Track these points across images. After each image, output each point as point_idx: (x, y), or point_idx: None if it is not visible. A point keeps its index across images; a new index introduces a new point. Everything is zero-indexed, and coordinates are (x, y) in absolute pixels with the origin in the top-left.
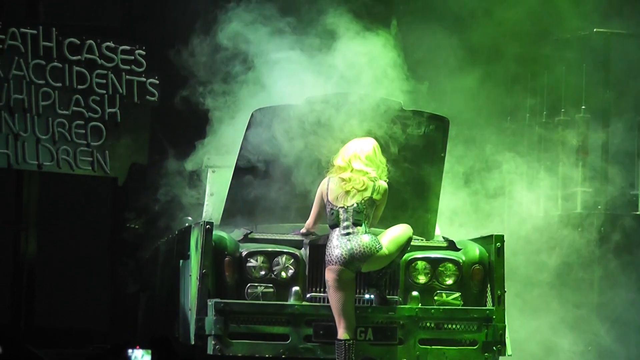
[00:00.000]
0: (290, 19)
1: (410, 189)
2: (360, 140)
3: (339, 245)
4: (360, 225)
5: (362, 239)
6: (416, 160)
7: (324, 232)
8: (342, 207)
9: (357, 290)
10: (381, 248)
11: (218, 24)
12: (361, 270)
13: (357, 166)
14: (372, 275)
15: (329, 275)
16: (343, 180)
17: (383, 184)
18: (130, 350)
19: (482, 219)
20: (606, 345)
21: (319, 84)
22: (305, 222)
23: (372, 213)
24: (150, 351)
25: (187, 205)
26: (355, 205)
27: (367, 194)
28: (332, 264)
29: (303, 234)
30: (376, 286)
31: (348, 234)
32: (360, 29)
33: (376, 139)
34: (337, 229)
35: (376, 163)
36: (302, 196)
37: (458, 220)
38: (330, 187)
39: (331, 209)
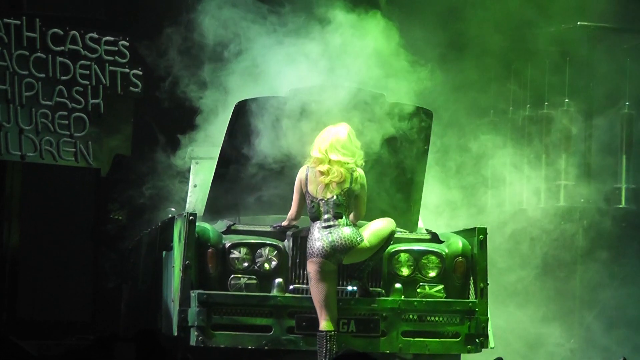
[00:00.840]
0: (275, 8)
1: (393, 182)
2: (335, 128)
3: (320, 237)
4: (341, 218)
5: (343, 231)
6: (400, 153)
7: (306, 224)
8: (322, 200)
9: (340, 282)
10: (362, 240)
11: (202, 15)
12: (342, 262)
13: (335, 157)
14: (354, 267)
15: (311, 268)
16: (322, 173)
17: (361, 172)
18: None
19: (465, 212)
20: (590, 336)
21: (303, 76)
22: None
23: (352, 203)
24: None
25: (170, 196)
26: (335, 197)
27: (346, 185)
28: (314, 257)
29: (285, 227)
30: (358, 278)
31: (329, 226)
32: (344, 19)
33: (359, 130)
34: (318, 221)
35: (352, 150)
36: (285, 188)
37: (441, 212)
38: (309, 178)
39: (311, 201)
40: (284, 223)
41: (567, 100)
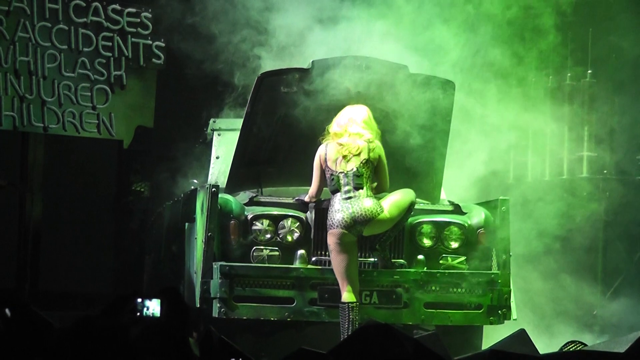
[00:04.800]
0: None
1: (415, 153)
2: (354, 107)
3: (340, 209)
4: (362, 189)
5: (363, 202)
6: (422, 124)
7: (327, 197)
8: (342, 172)
9: (362, 254)
10: (382, 211)
11: None
12: (363, 233)
13: (354, 130)
14: (376, 239)
15: (331, 239)
16: (340, 145)
17: (378, 144)
18: (139, 300)
19: (487, 183)
20: (611, 309)
21: (326, 47)
22: (310, 186)
23: (372, 175)
24: (159, 300)
25: (193, 168)
26: (354, 169)
27: (364, 156)
28: (334, 228)
29: (306, 202)
30: (380, 250)
31: (350, 198)
32: None
33: (381, 102)
34: (339, 193)
35: (370, 126)
36: (307, 160)
37: (463, 184)
38: (327, 153)
39: (331, 174)
40: (306, 199)
41: (589, 71)
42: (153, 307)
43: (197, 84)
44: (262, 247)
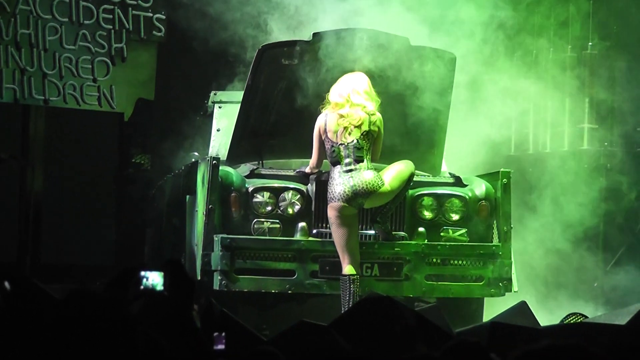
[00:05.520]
0: None
1: (416, 125)
2: (354, 76)
3: (341, 182)
4: (362, 162)
5: (364, 175)
6: (423, 97)
7: (328, 169)
8: (342, 144)
9: (363, 227)
10: (383, 184)
11: None
12: (364, 206)
13: (357, 100)
14: (376, 211)
15: (331, 212)
16: (342, 116)
17: (378, 115)
18: (142, 272)
19: (488, 155)
20: (613, 281)
21: (326, 20)
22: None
23: (371, 147)
24: (162, 273)
25: (194, 141)
26: (355, 141)
27: (365, 127)
28: (335, 201)
29: (307, 173)
30: (381, 222)
31: (350, 170)
32: None
33: (382, 74)
34: (339, 165)
35: (372, 96)
36: (308, 132)
37: (464, 156)
38: (328, 124)
39: (331, 146)
40: (307, 170)
41: (590, 43)
42: (153, 278)
43: (198, 57)
44: (263, 219)
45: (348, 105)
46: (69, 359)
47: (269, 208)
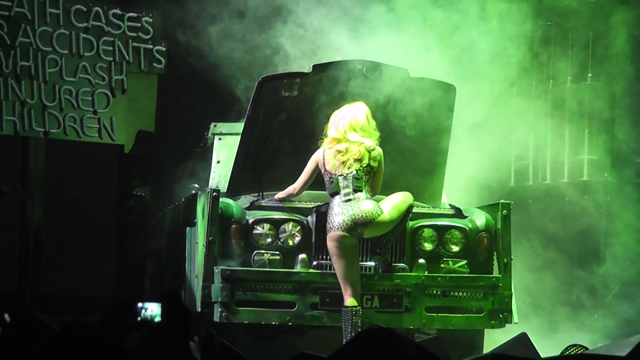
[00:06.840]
0: None
1: (416, 157)
2: (352, 108)
3: (340, 212)
4: (361, 192)
5: (363, 204)
6: (423, 128)
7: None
8: (341, 175)
9: (362, 258)
10: (382, 213)
11: None
12: (363, 236)
13: (354, 138)
14: (376, 242)
15: (331, 243)
16: (339, 152)
17: (378, 150)
18: (140, 304)
19: (487, 187)
20: (612, 313)
21: (326, 51)
22: (310, 191)
23: (370, 179)
24: (160, 304)
25: (194, 172)
26: (354, 172)
27: (365, 161)
28: (334, 230)
29: (282, 198)
30: (381, 254)
31: (349, 200)
32: None
33: (382, 105)
34: (338, 196)
35: (370, 132)
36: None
37: (464, 188)
38: (326, 158)
39: (330, 177)
40: (281, 194)
41: (590, 74)
42: (152, 309)
43: (198, 88)
44: (263, 251)
45: (345, 141)
46: None
47: (269, 240)
